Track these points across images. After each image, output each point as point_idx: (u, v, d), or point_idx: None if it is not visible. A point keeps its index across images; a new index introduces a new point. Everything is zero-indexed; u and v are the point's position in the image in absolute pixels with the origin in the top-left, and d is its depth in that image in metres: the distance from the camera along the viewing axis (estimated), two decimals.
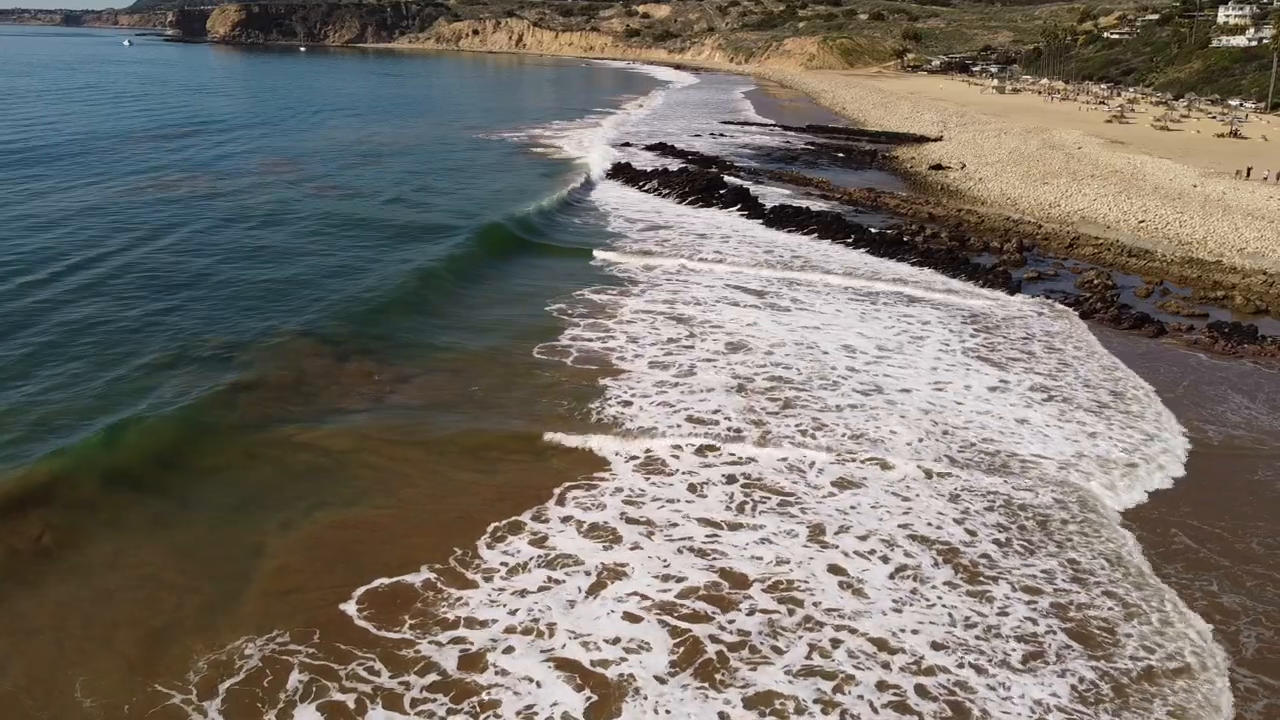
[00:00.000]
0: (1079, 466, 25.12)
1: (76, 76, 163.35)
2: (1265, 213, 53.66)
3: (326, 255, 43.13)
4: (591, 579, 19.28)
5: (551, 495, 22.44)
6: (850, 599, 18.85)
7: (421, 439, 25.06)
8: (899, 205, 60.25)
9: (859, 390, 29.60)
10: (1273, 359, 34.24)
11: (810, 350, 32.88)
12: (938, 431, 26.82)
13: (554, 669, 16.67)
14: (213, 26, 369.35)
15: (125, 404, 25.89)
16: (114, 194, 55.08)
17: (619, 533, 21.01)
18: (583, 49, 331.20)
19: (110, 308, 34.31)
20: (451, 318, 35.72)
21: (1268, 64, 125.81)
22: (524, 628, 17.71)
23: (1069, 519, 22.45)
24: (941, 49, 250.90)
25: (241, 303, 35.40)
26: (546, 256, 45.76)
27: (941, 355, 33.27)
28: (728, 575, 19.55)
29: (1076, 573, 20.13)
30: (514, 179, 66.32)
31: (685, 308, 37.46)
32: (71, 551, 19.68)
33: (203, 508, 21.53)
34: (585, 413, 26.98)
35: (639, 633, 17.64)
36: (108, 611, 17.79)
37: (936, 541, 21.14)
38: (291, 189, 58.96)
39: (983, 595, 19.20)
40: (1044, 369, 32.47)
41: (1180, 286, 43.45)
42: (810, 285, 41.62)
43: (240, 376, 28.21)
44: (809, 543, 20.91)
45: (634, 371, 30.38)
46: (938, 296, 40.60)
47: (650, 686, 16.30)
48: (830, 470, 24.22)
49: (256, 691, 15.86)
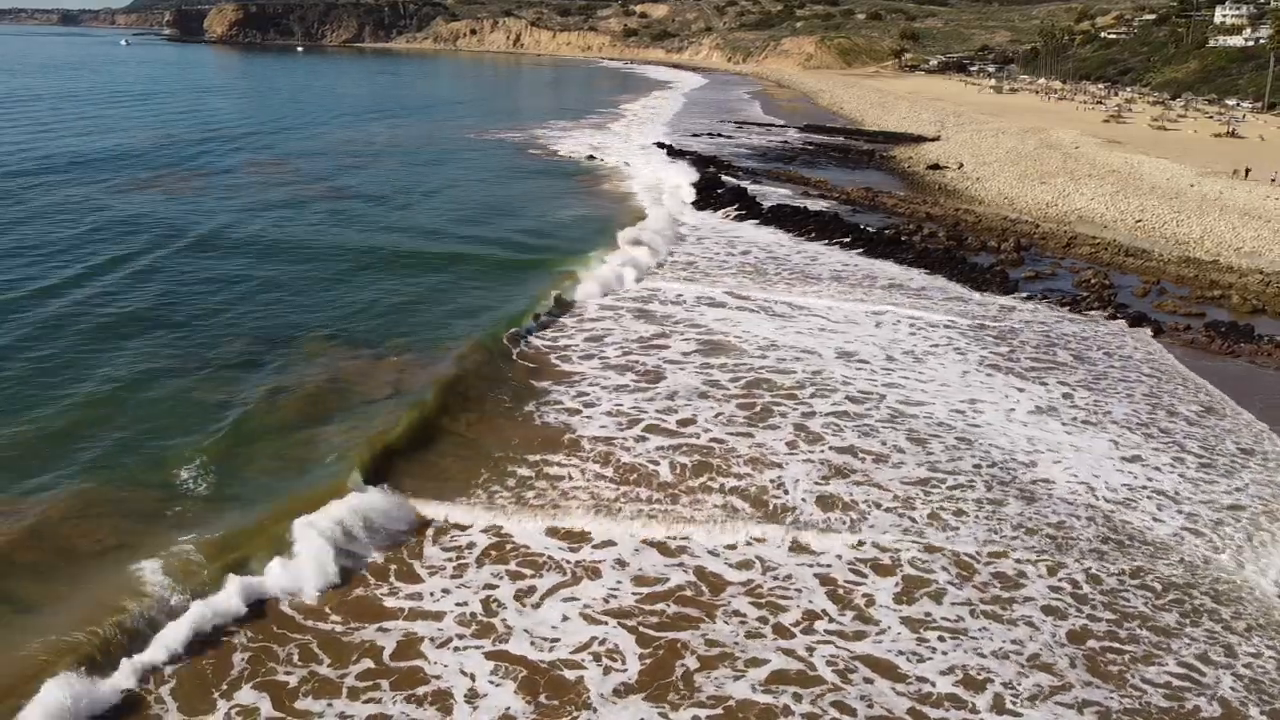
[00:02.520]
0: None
1: (111, 79, 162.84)
2: (1262, 212, 53.77)
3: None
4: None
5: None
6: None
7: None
8: (897, 205, 60.33)
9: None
10: (1269, 358, 34.33)
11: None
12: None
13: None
14: (210, 26, 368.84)
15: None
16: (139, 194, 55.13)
17: None
18: (580, 49, 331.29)
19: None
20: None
21: (1265, 64, 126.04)
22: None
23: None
24: (939, 49, 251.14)
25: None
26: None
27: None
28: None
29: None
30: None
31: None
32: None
33: None
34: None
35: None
36: None
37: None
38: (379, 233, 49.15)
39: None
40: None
41: (1177, 286, 43.54)
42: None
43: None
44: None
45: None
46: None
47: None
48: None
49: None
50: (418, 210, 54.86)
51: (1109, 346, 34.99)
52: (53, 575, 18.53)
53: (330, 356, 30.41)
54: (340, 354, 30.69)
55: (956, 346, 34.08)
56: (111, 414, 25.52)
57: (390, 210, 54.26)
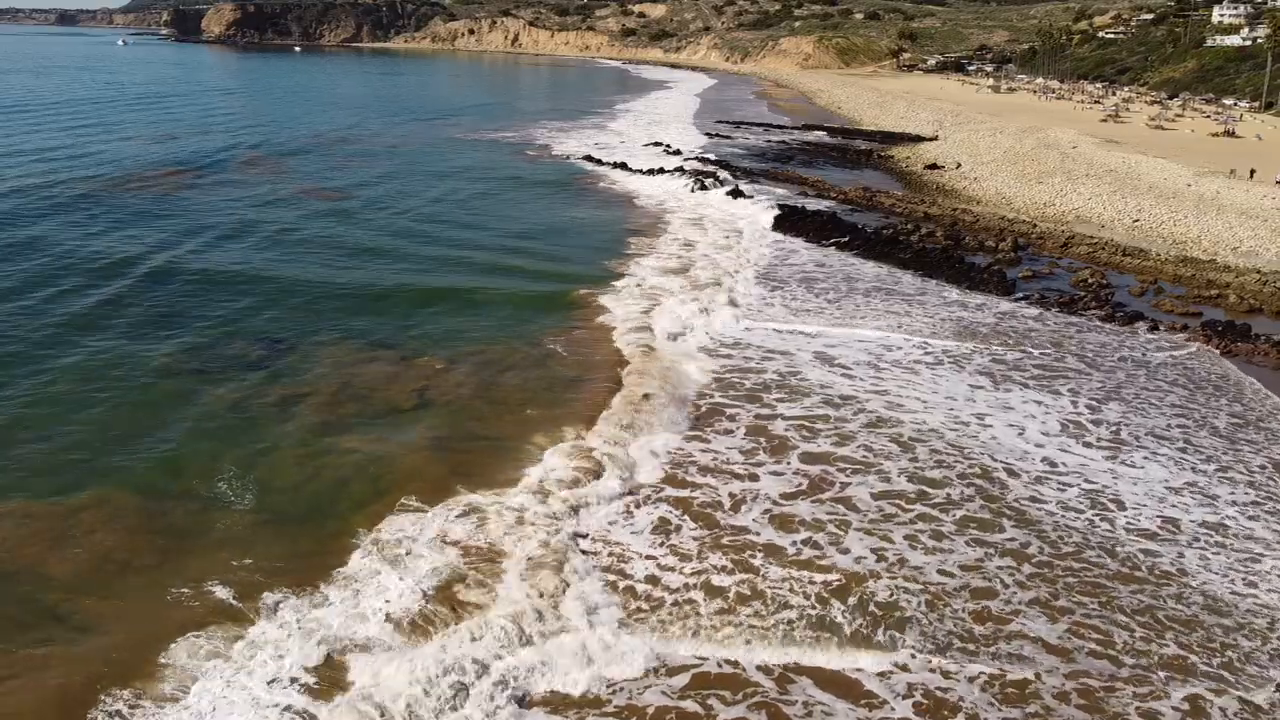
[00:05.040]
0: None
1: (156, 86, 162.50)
2: (1259, 211, 53.82)
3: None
4: None
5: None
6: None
7: None
8: (894, 204, 60.33)
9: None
10: (1266, 357, 34.37)
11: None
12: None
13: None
14: (208, 26, 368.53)
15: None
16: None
17: None
18: (579, 48, 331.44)
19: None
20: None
21: (1262, 63, 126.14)
22: None
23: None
24: (937, 48, 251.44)
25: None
26: None
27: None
28: None
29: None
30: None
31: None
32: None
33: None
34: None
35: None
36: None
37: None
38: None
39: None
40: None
41: (1174, 285, 43.56)
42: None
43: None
44: None
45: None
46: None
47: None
48: None
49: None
50: (481, 230, 50.70)
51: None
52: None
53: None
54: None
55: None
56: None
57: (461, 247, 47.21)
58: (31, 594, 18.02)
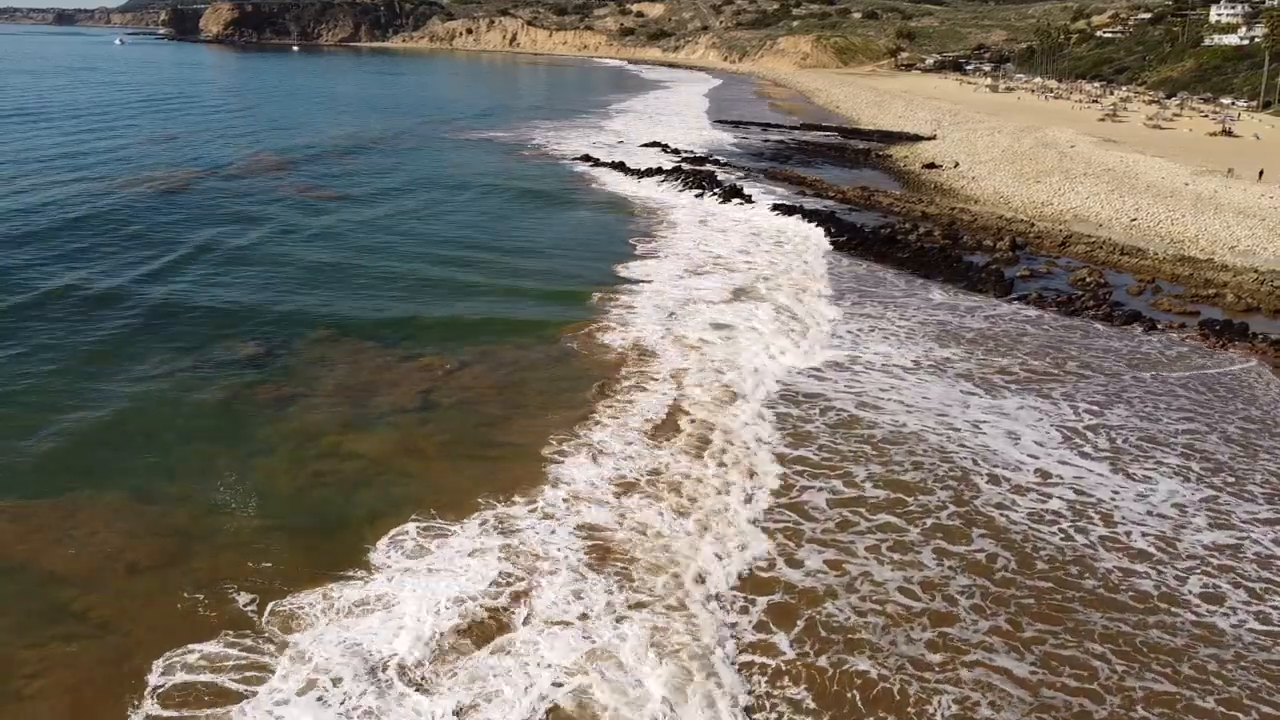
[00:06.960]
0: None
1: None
2: (1257, 211, 53.94)
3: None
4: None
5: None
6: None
7: None
8: (892, 204, 60.45)
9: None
10: (1263, 357, 34.48)
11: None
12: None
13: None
14: (206, 26, 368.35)
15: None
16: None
17: None
18: (577, 48, 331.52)
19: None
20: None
21: (1260, 62, 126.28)
22: None
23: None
24: (935, 48, 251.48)
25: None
26: None
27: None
28: None
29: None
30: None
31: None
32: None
33: None
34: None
35: None
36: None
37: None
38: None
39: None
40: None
41: (1172, 284, 43.66)
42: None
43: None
44: None
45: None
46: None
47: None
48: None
49: None
50: (481, 230, 50.44)
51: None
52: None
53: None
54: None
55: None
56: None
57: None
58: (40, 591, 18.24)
